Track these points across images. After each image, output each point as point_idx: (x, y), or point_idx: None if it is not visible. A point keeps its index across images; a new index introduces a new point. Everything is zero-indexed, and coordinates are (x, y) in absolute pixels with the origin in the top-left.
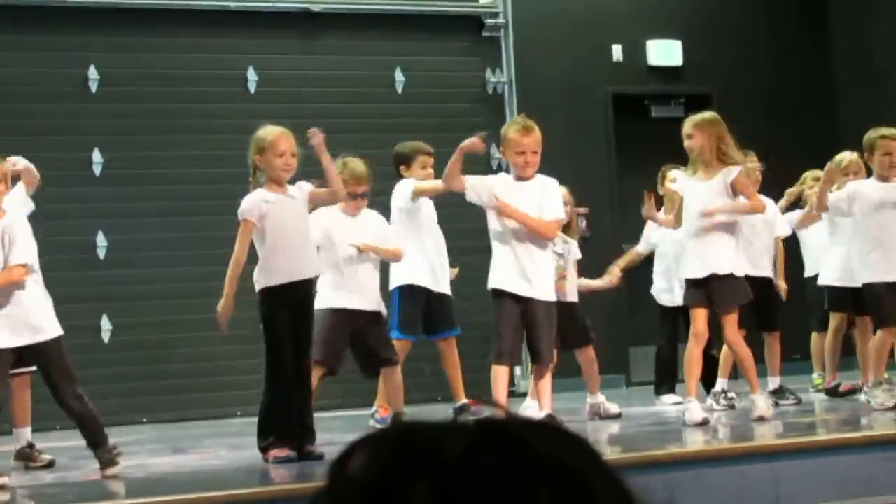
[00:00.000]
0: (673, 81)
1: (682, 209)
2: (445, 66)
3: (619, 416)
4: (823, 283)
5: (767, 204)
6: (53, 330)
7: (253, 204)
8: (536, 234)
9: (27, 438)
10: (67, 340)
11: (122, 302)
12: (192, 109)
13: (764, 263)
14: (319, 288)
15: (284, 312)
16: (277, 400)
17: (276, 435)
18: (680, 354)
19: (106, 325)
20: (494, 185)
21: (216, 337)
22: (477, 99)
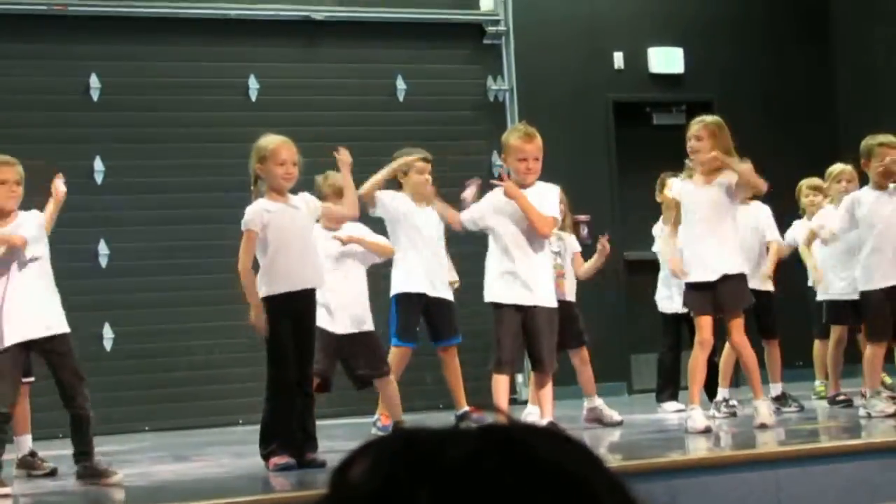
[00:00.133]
0: (674, 89)
1: (679, 216)
2: (447, 73)
3: (620, 423)
4: (821, 298)
5: (761, 209)
6: (64, 326)
7: (255, 214)
8: (534, 228)
9: (29, 446)
10: None
11: (124, 310)
12: (193, 118)
13: (759, 271)
14: None
15: (286, 321)
16: (279, 408)
17: (277, 442)
18: (682, 362)
19: (108, 333)
20: (493, 197)
21: (218, 345)
22: (478, 106)
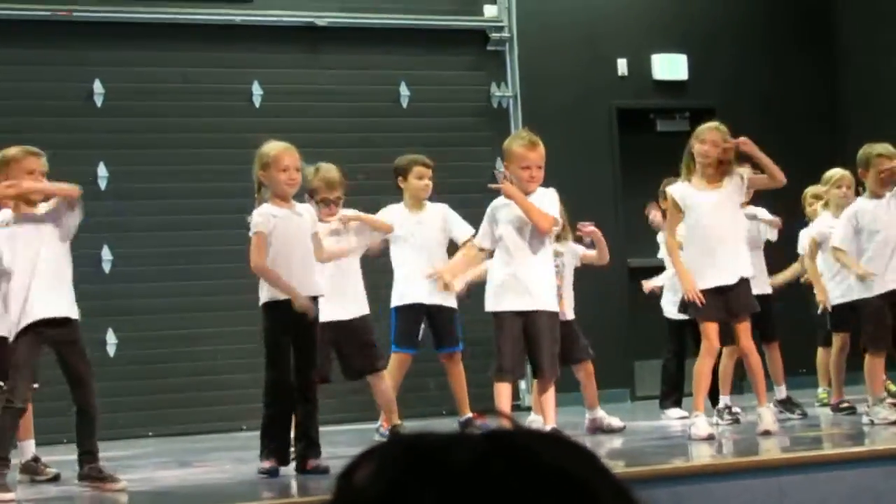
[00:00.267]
0: (678, 95)
1: (676, 219)
2: (450, 79)
3: (622, 429)
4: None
5: (756, 212)
6: (77, 313)
7: (264, 217)
8: (534, 225)
9: (32, 452)
10: None
11: (127, 316)
12: (197, 123)
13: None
14: None
15: (286, 328)
16: (276, 415)
17: (271, 446)
18: (686, 369)
19: (111, 338)
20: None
21: (221, 351)
22: (482, 113)
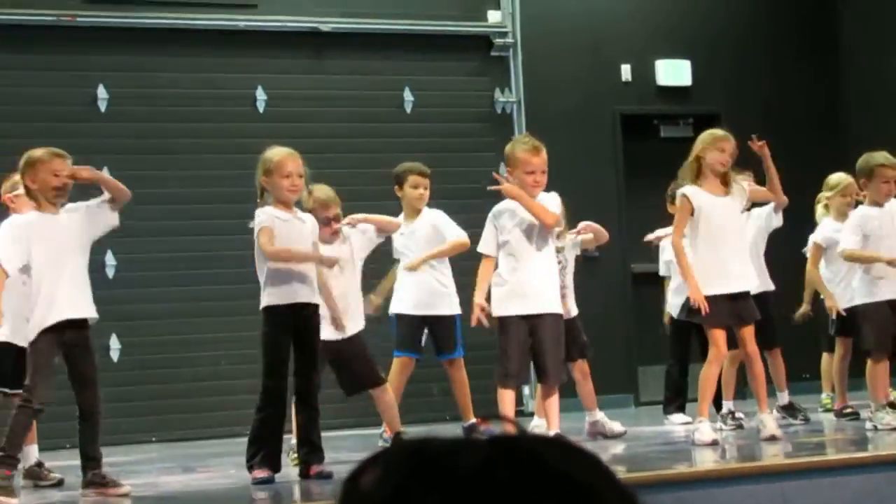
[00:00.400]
0: (682, 101)
1: (683, 221)
2: (454, 85)
3: (623, 434)
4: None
5: (751, 215)
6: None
7: (268, 216)
8: (539, 221)
9: (35, 457)
10: None
11: (131, 321)
12: (201, 129)
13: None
14: None
15: (287, 333)
16: (268, 419)
17: (262, 453)
18: (690, 374)
19: (115, 344)
20: (499, 216)
21: (225, 356)
22: (485, 118)
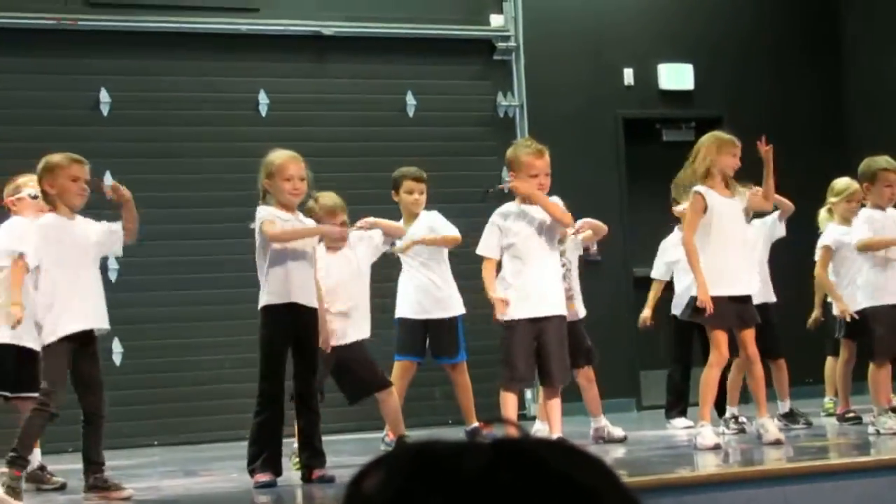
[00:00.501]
0: (684, 105)
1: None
2: (457, 89)
3: (624, 439)
4: (835, 312)
5: (755, 225)
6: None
7: (270, 214)
8: (557, 220)
9: (38, 460)
10: None
11: (133, 325)
12: (203, 133)
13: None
14: None
15: (285, 335)
16: (266, 422)
17: (263, 457)
18: (692, 378)
19: (117, 347)
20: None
21: (227, 360)
22: (488, 122)
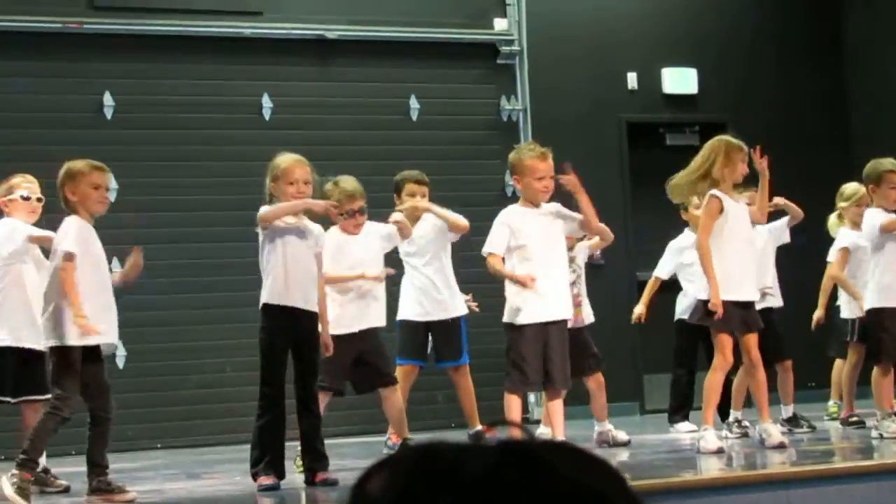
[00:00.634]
0: (688, 109)
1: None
2: (460, 93)
3: (627, 443)
4: (847, 316)
5: (758, 231)
6: None
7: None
8: (592, 218)
9: (43, 463)
10: None
11: (136, 328)
12: (206, 136)
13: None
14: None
15: (284, 336)
16: (267, 426)
17: (266, 460)
18: (696, 383)
19: (120, 350)
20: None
21: (230, 363)
22: (491, 126)
